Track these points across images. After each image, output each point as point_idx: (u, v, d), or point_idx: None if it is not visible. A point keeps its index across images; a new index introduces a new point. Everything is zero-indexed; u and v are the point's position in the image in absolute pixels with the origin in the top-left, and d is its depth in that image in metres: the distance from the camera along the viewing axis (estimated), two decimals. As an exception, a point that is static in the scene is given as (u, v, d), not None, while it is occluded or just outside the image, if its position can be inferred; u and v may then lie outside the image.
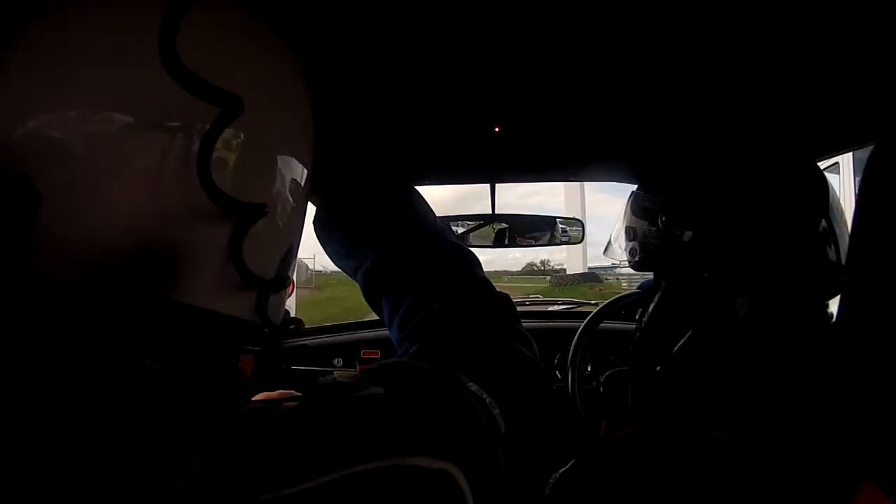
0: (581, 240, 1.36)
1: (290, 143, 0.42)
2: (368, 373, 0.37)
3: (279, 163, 0.41)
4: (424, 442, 0.32)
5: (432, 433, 0.33)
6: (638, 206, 0.76)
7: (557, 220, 1.33)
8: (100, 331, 0.33)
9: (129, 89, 0.33)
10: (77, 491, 0.27)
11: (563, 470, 0.58)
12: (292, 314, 0.53)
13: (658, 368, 0.66)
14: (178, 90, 0.34)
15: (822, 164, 0.75)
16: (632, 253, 0.78)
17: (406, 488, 0.30)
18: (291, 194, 0.42)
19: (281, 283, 0.40)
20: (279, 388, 0.53)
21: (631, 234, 0.78)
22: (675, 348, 0.63)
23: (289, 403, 0.33)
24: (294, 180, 0.42)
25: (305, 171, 0.44)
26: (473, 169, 1.13)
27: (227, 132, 0.35)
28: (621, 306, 1.19)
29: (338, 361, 1.36)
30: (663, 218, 0.66)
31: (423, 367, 0.38)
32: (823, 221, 0.59)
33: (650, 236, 0.70)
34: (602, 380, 1.24)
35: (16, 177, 0.31)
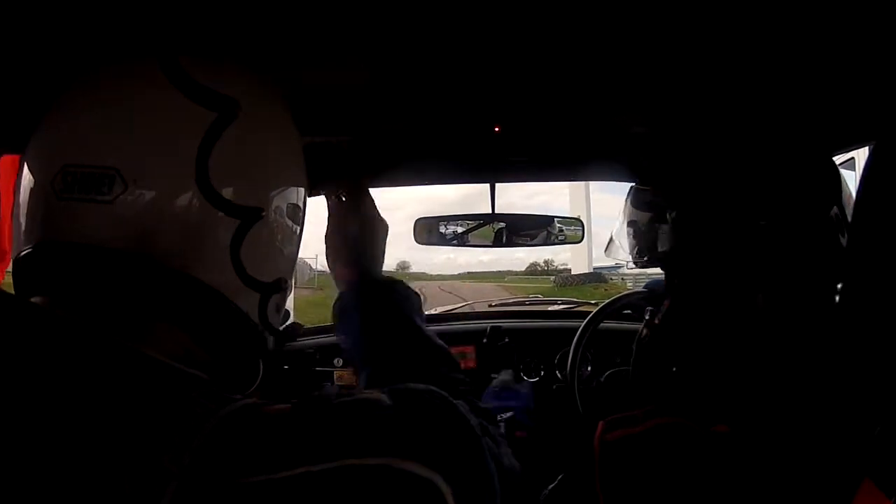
0: (581, 239, 1.36)
1: (284, 152, 0.44)
2: (389, 389, 0.37)
3: (274, 169, 0.42)
4: (419, 449, 0.32)
5: (428, 443, 0.33)
6: (640, 200, 0.74)
7: (557, 219, 1.33)
8: (109, 323, 0.34)
9: (138, 102, 0.37)
10: (75, 476, 0.27)
11: (551, 486, 0.58)
12: (291, 315, 0.54)
13: (674, 369, 0.65)
14: (178, 96, 0.36)
15: (836, 160, 0.73)
16: (639, 252, 0.75)
17: (393, 490, 0.30)
18: (287, 201, 0.43)
19: (279, 286, 0.41)
20: (279, 389, 0.54)
21: (634, 229, 0.76)
22: (693, 347, 0.62)
23: (282, 406, 0.33)
24: (289, 188, 0.44)
25: (300, 179, 0.46)
26: (473, 169, 1.13)
27: (224, 136, 0.36)
28: (623, 305, 1.19)
29: (338, 361, 1.36)
30: (672, 214, 0.64)
31: (441, 393, 0.38)
32: (835, 208, 0.57)
33: (655, 231, 0.68)
34: (602, 380, 1.23)
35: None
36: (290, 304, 0.56)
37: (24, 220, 0.38)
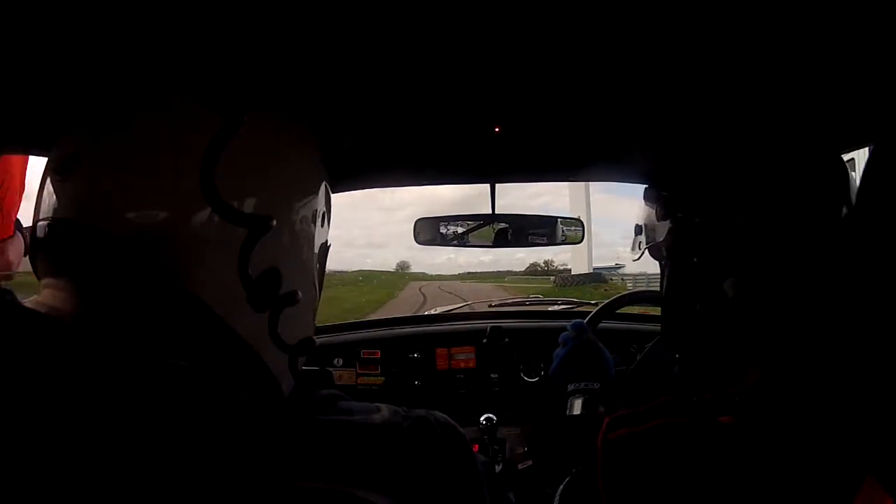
0: (581, 240, 1.36)
1: (295, 159, 0.42)
2: (404, 413, 0.37)
3: (285, 177, 0.41)
4: (396, 484, 0.32)
5: (413, 479, 0.33)
6: (652, 195, 0.73)
7: (557, 219, 1.33)
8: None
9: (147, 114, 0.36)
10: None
11: (566, 481, 0.57)
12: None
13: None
14: (183, 103, 0.35)
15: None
16: (640, 246, 0.75)
17: None
18: (302, 209, 0.42)
19: (291, 298, 0.40)
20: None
21: (641, 228, 0.75)
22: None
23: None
24: (303, 196, 0.42)
25: (314, 186, 0.44)
26: (473, 169, 1.13)
27: (231, 144, 0.35)
28: (622, 304, 1.18)
29: (338, 361, 1.36)
30: (678, 213, 0.63)
31: (453, 427, 0.39)
32: (845, 209, 0.56)
33: (659, 227, 0.67)
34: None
35: None
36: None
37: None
